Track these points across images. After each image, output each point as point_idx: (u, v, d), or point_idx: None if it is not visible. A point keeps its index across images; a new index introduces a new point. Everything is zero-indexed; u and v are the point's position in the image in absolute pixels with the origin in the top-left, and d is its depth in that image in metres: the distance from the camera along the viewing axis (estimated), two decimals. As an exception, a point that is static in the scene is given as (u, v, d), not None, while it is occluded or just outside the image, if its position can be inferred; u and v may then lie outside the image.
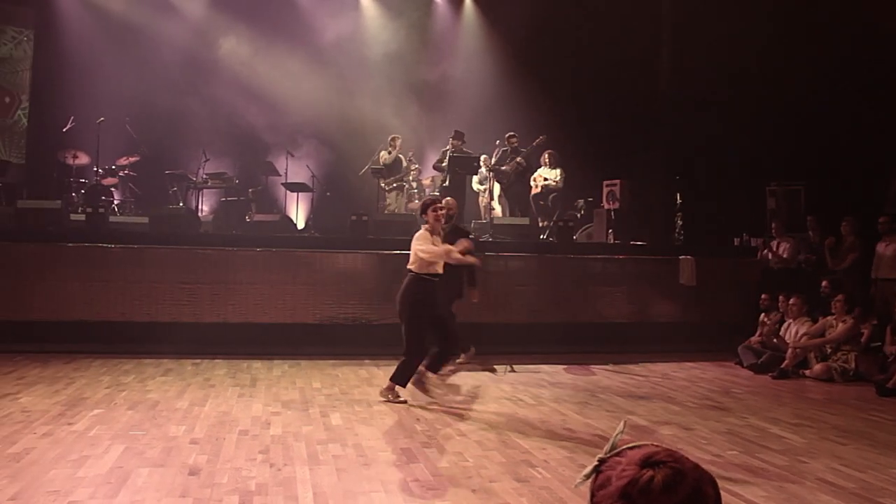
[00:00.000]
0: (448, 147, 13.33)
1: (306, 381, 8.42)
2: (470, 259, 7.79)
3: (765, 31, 13.62)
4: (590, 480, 1.36)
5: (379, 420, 6.66)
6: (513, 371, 9.30)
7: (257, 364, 9.30)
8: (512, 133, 13.70)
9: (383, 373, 8.97)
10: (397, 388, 7.49)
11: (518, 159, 13.54)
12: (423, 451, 5.67)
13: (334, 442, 5.85)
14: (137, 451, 5.43)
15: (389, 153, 13.93)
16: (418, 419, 6.72)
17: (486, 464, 5.36)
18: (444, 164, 13.17)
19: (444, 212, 7.81)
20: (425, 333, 7.55)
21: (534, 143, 13.58)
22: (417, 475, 5.05)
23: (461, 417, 6.84)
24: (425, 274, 7.43)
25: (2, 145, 15.29)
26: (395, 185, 14.03)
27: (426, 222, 7.66)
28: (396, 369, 7.54)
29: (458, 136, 13.28)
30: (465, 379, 8.74)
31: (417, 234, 7.59)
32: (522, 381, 8.70)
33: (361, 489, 4.76)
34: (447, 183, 12.99)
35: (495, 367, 9.43)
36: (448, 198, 9.36)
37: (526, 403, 7.53)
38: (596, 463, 1.36)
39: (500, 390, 8.17)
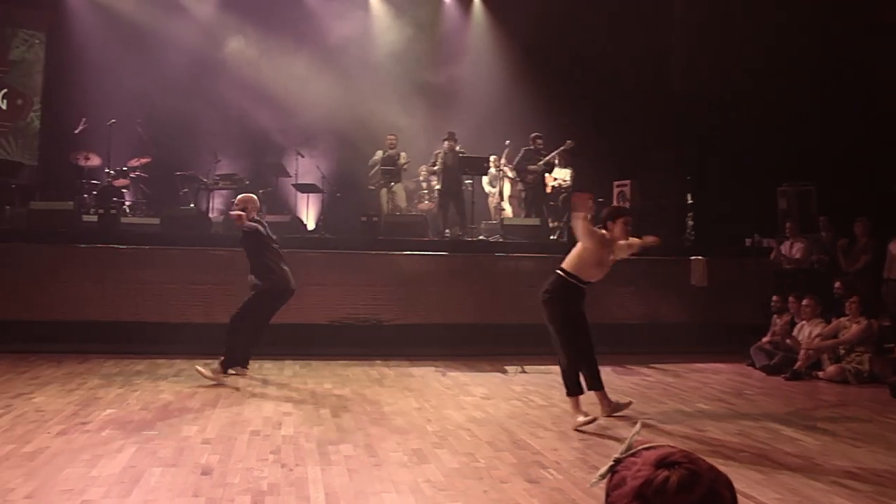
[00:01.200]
0: (441, 150, 13.29)
1: (317, 381, 8.43)
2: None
3: (776, 30, 13.57)
4: (605, 480, 1.36)
5: (390, 420, 6.67)
6: (524, 372, 9.30)
7: (268, 364, 9.32)
8: (537, 134, 13.58)
9: (394, 373, 9.01)
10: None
11: (547, 159, 13.33)
12: (434, 451, 5.67)
13: (346, 442, 5.86)
14: (150, 451, 5.45)
15: (385, 152, 13.93)
16: (429, 420, 6.72)
17: (498, 464, 5.36)
18: (435, 168, 13.17)
19: (630, 226, 6.89)
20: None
21: (561, 148, 13.48)
22: (429, 476, 5.05)
23: (472, 418, 6.83)
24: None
25: (15, 147, 15.37)
26: (381, 183, 13.97)
27: (606, 229, 6.79)
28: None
29: (451, 136, 13.24)
30: (475, 380, 8.73)
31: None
32: (534, 382, 8.69)
33: (373, 489, 4.76)
34: (439, 186, 13.01)
35: (506, 367, 9.44)
36: (244, 194, 9.07)
37: (537, 404, 7.52)
38: (611, 463, 1.36)
39: (512, 391, 8.16)
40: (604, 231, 6.77)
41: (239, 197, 8.79)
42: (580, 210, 6.78)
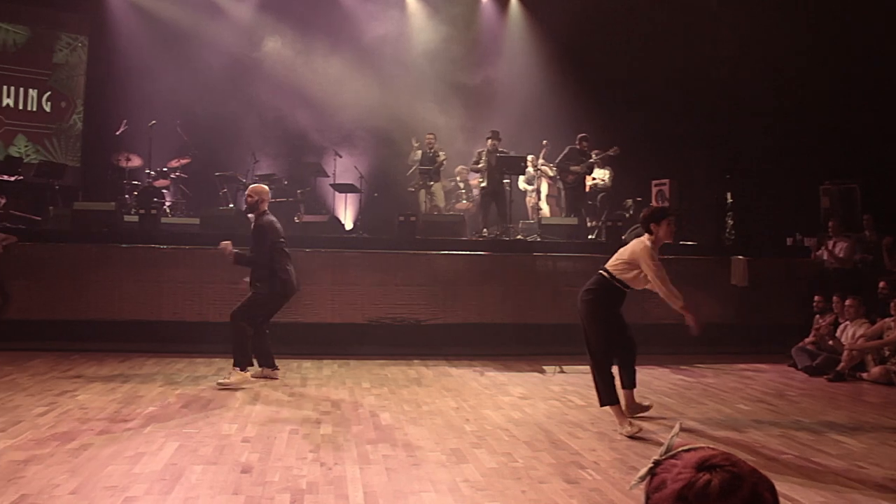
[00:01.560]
0: (484, 148, 13.27)
1: (356, 380, 8.47)
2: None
3: (818, 26, 13.39)
4: (644, 483, 1.35)
5: (428, 420, 6.67)
6: (562, 372, 9.25)
7: (307, 364, 9.38)
8: (584, 135, 13.49)
9: (432, 373, 9.02)
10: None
11: (590, 161, 13.30)
12: (472, 451, 5.66)
13: (384, 442, 5.87)
14: (191, 449, 5.50)
15: (423, 152, 13.95)
16: (467, 420, 6.71)
17: (536, 465, 5.34)
18: (480, 165, 13.12)
19: (674, 225, 6.66)
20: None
21: (607, 152, 13.41)
22: (467, 475, 5.05)
23: (510, 418, 6.81)
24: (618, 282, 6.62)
25: (58, 149, 15.64)
26: (420, 184, 13.98)
27: (650, 232, 6.56)
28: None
29: (495, 135, 13.20)
30: (513, 379, 8.71)
31: (641, 243, 6.56)
32: (572, 382, 8.64)
33: (411, 489, 4.76)
34: (485, 183, 12.98)
35: (544, 367, 9.41)
36: (254, 184, 8.89)
37: (575, 404, 7.49)
38: (651, 465, 1.34)
39: (550, 391, 8.13)
40: (649, 241, 6.53)
41: (251, 187, 8.49)
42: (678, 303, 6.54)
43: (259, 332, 8.31)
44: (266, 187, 8.58)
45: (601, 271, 6.72)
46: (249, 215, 8.45)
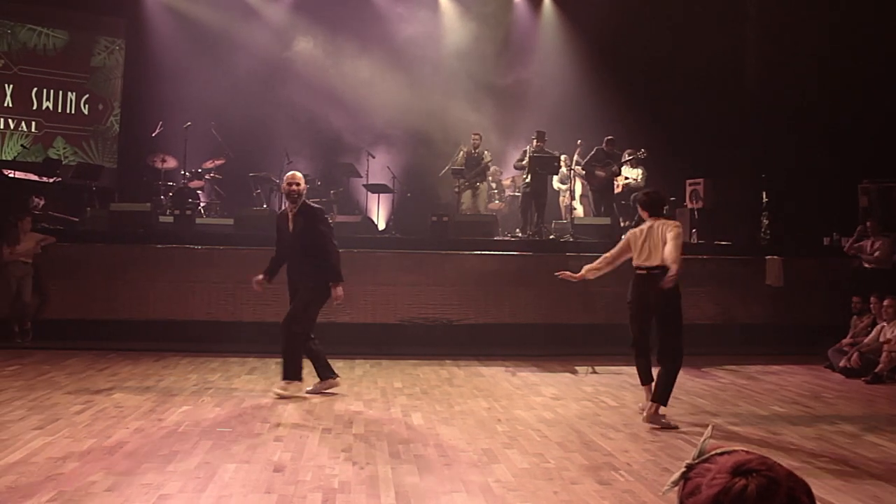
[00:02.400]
0: (530, 146, 13.23)
1: (387, 380, 8.48)
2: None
3: (854, 21, 13.20)
4: (677, 487, 1.33)
5: (460, 420, 6.67)
6: (594, 372, 9.20)
7: (339, 363, 9.37)
8: (611, 138, 13.44)
9: (464, 373, 9.02)
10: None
11: (613, 168, 13.27)
12: (504, 451, 5.65)
13: (416, 442, 5.88)
14: (224, 447, 5.55)
15: (468, 151, 13.95)
16: (499, 420, 6.70)
17: (568, 465, 5.31)
18: (524, 163, 13.07)
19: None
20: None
21: (633, 157, 13.34)
22: (499, 476, 5.04)
23: (542, 419, 6.79)
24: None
25: (96, 150, 15.86)
26: (466, 184, 13.99)
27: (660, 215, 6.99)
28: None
29: (541, 136, 13.17)
30: (545, 380, 8.68)
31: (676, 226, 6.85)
32: (604, 383, 8.60)
33: (443, 489, 4.76)
34: (528, 179, 12.93)
35: (577, 368, 9.37)
36: (294, 171, 8.34)
37: (608, 405, 7.44)
38: (684, 469, 1.33)
39: (582, 392, 8.09)
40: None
41: (292, 174, 8.00)
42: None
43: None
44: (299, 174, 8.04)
45: (659, 266, 6.68)
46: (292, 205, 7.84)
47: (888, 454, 5.81)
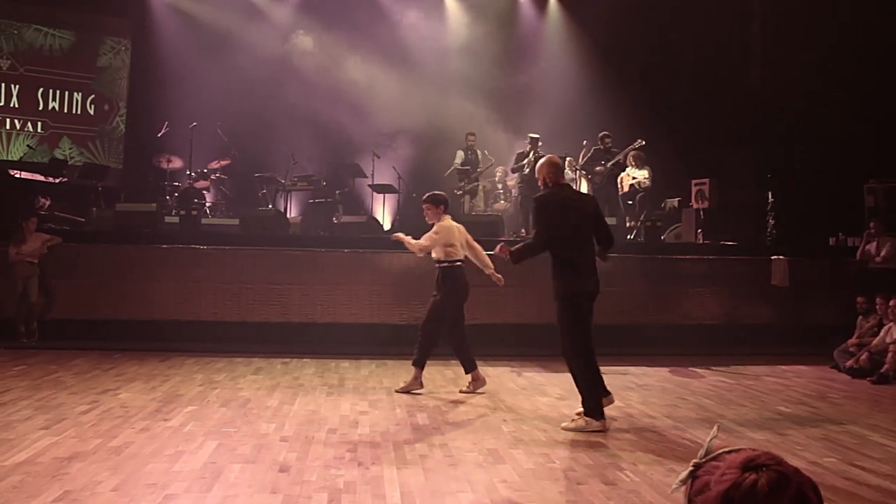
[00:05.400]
0: (525, 150, 13.22)
1: (393, 380, 8.48)
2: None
3: (860, 21, 13.17)
4: (685, 486, 1.33)
5: (465, 421, 6.67)
6: (600, 373, 9.18)
7: (345, 364, 9.43)
8: (606, 133, 13.44)
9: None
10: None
11: (608, 164, 13.25)
12: (509, 451, 5.65)
13: (421, 442, 5.88)
14: (230, 448, 5.56)
15: (465, 152, 13.95)
16: (504, 420, 6.70)
17: (574, 465, 5.31)
18: (522, 164, 13.07)
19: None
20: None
21: (631, 147, 13.32)
22: (504, 476, 5.04)
23: (548, 419, 6.78)
24: None
25: (102, 151, 15.89)
26: (468, 187, 13.98)
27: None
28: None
29: (534, 143, 13.13)
30: (550, 380, 8.67)
31: None
32: (609, 383, 8.54)
33: (448, 489, 4.76)
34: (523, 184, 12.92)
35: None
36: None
37: (614, 406, 7.42)
38: (691, 468, 1.33)
39: (587, 392, 8.06)
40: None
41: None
42: None
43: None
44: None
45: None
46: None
47: (894, 455, 5.80)
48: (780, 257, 11.52)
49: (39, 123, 15.41)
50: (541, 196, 6.73)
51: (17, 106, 15.23)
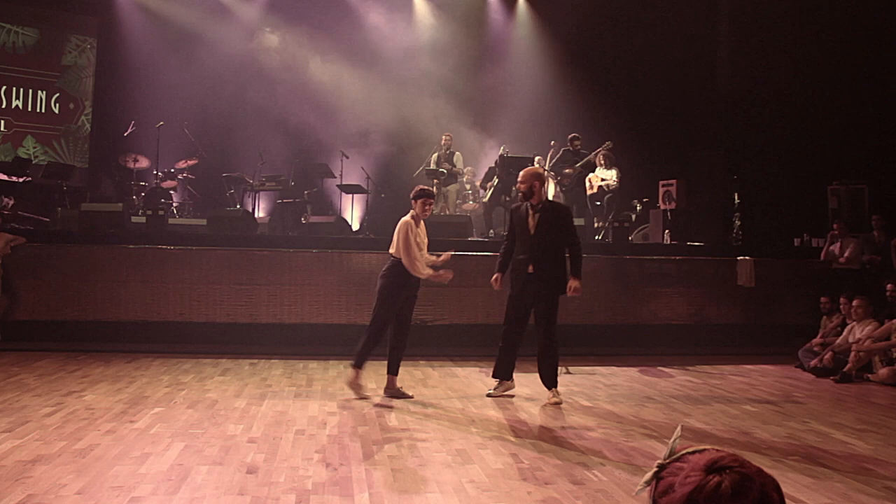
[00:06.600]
0: (495, 165, 13.33)
1: (362, 381, 8.44)
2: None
3: (824, 27, 13.35)
4: (650, 487, 1.34)
5: (434, 421, 6.67)
6: (568, 373, 9.22)
7: (313, 364, 9.39)
8: (575, 135, 13.54)
9: (438, 374, 9.02)
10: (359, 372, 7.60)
11: (576, 166, 13.37)
12: (478, 452, 5.66)
13: (390, 442, 5.88)
14: (197, 449, 5.51)
15: (440, 152, 13.98)
16: (473, 420, 6.71)
17: (542, 465, 5.33)
18: (490, 183, 13.21)
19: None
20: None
21: (599, 150, 13.43)
22: (473, 476, 5.04)
23: (516, 419, 6.81)
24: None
25: (66, 150, 15.69)
26: (439, 185, 13.99)
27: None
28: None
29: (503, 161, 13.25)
30: (519, 380, 8.68)
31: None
32: (577, 383, 8.63)
33: (416, 489, 4.76)
34: (497, 183, 12.96)
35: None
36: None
37: (581, 406, 7.48)
38: (655, 469, 1.33)
39: (556, 392, 8.10)
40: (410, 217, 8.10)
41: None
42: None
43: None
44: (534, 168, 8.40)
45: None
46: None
47: (856, 452, 5.89)
48: (746, 258, 11.65)
49: (3, 122, 15.20)
50: (567, 206, 8.13)
51: (-21, 104, 15.03)
